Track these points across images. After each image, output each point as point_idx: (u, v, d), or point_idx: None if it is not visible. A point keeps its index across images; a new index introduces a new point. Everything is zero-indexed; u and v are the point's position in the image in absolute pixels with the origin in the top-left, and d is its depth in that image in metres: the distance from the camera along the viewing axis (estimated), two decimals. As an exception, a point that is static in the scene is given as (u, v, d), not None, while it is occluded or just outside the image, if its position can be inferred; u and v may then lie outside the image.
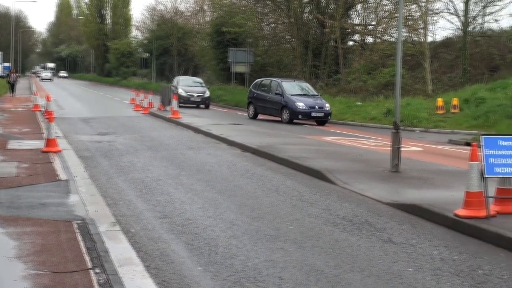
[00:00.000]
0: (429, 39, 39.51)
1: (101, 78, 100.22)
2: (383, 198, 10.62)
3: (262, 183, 12.03)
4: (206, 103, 38.66)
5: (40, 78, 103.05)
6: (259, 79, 32.72)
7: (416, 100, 31.77)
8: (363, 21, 45.47)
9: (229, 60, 47.54)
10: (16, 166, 12.55)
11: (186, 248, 7.40)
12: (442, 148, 19.84)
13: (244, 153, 16.57)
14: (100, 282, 5.88)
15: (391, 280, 6.50)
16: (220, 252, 7.26)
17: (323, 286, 6.27)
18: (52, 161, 13.39)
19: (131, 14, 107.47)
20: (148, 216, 8.98)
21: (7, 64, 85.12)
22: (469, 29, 38.62)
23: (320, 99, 29.39)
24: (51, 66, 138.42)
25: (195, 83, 41.17)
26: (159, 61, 72.67)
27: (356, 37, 46.57)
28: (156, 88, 51.23)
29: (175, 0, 79.02)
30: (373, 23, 44.51)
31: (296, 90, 29.72)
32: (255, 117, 30.61)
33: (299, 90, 29.90)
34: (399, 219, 9.29)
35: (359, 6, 45.00)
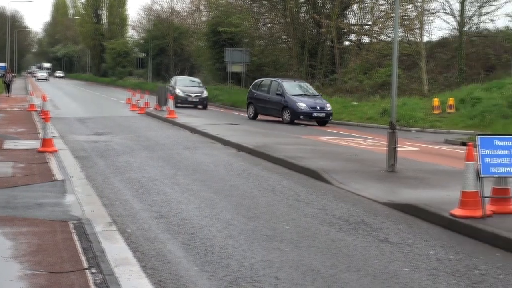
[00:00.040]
0: (425, 39, 39.56)
1: (97, 78, 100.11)
2: (379, 198, 10.63)
3: (258, 183, 12.04)
4: (204, 104, 38.11)
5: (36, 78, 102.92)
6: (259, 80, 32.40)
7: (412, 100, 31.81)
8: (359, 21, 45.50)
9: (225, 60, 47.51)
10: (12, 166, 12.54)
11: (183, 248, 7.40)
12: (438, 148, 19.86)
13: (240, 153, 16.57)
14: (96, 282, 5.88)
15: (387, 280, 6.51)
16: (217, 252, 7.26)
17: (320, 286, 6.28)
18: (48, 161, 13.37)
19: (127, 14, 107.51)
20: (145, 216, 8.98)
21: (3, 64, 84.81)
22: (465, 29, 38.67)
23: (321, 99, 29.14)
24: (47, 66, 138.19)
25: (193, 83, 40.65)
26: (155, 61, 72.62)
27: (353, 37, 46.61)
28: (153, 88, 51.16)
29: (171, 0, 78.91)
30: (369, 23, 44.57)
31: (297, 91, 29.42)
32: (255, 118, 30.25)
33: (300, 90, 29.60)
34: (395, 219, 9.30)
35: (355, 6, 45.06)
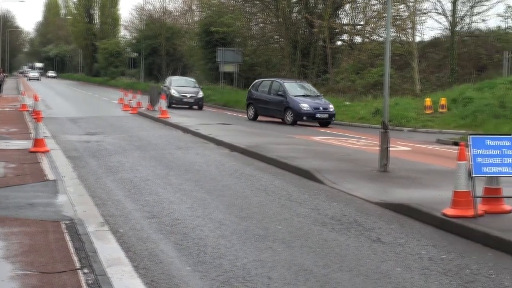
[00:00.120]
0: (417, 39, 39.73)
1: (90, 78, 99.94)
2: (372, 198, 10.64)
3: (251, 183, 12.04)
4: (200, 104, 37.40)
5: (28, 78, 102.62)
6: (259, 80, 31.76)
7: (405, 100, 31.86)
8: (352, 21, 45.54)
9: (218, 60, 47.43)
10: (4, 166, 12.49)
11: (175, 248, 7.40)
12: (430, 148, 19.90)
13: (233, 153, 16.56)
14: (89, 283, 5.87)
15: (380, 280, 6.52)
16: (209, 252, 7.26)
17: (312, 286, 6.28)
18: (40, 161, 13.34)
19: (120, 14, 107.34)
20: (137, 216, 8.96)
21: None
22: (457, 29, 38.78)
23: (324, 100, 28.64)
24: (39, 66, 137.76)
25: (188, 83, 39.87)
26: (148, 61, 72.52)
27: (345, 37, 46.68)
28: (145, 88, 51.11)
29: (164, 0, 78.85)
30: (362, 23, 44.62)
31: (299, 91, 28.83)
32: (255, 119, 29.61)
33: (302, 91, 29.02)
34: (388, 219, 9.32)
35: (348, 6, 45.08)
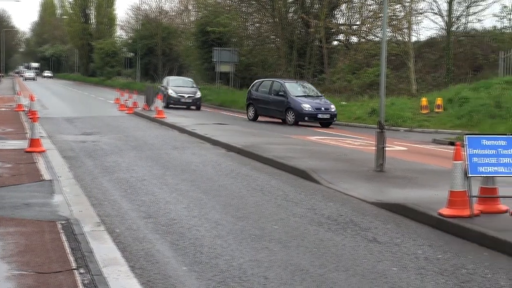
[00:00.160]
0: (413, 39, 39.65)
1: (86, 78, 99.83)
2: (368, 198, 10.65)
3: (247, 183, 12.04)
4: (197, 104, 37.13)
5: (24, 78, 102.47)
6: (259, 80, 31.50)
7: (401, 100, 31.86)
8: (348, 21, 45.51)
9: (214, 60, 47.42)
10: None
11: (171, 248, 7.39)
12: (426, 148, 19.92)
13: (229, 153, 16.56)
14: (85, 283, 5.86)
15: (376, 280, 6.53)
16: (205, 252, 7.26)
17: (308, 286, 6.28)
18: (36, 161, 13.32)
19: (116, 14, 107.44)
20: (133, 216, 8.96)
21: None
22: (453, 29, 38.81)
23: (325, 100, 28.44)
24: (35, 66, 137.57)
25: (186, 84, 39.56)
26: (144, 61, 72.44)
27: (341, 37, 46.64)
28: (141, 88, 51.06)
29: (160, 0, 78.86)
30: (358, 23, 44.59)
31: (300, 91, 28.65)
32: (256, 119, 29.39)
33: (303, 91, 28.85)
34: (384, 219, 9.33)
35: (344, 6, 45.07)
